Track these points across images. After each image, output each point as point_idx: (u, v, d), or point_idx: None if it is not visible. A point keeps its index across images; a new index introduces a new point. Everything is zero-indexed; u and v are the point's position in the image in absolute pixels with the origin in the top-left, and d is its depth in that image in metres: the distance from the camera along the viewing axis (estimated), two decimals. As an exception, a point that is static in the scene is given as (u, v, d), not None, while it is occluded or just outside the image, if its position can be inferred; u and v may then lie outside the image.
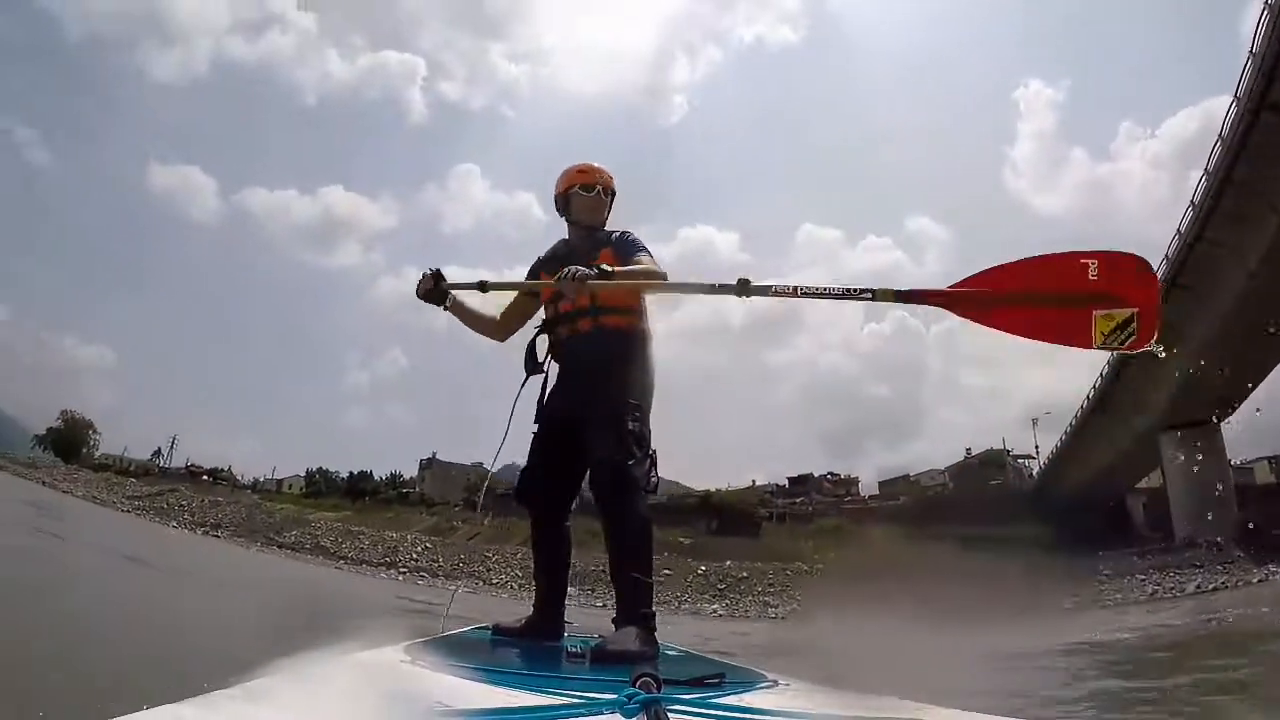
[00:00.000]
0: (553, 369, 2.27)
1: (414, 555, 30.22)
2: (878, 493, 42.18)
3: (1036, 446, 37.44)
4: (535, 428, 2.25)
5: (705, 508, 37.08)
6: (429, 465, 45.93)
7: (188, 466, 44.43)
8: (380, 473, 46.12)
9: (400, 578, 26.58)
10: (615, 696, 0.93)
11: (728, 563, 29.73)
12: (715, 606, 25.48)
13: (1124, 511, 31.68)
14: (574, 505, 2.28)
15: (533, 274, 2.36)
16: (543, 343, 2.27)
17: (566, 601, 2.35)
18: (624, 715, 0.87)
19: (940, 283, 1.77)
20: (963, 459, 41.89)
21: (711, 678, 1.30)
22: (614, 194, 2.39)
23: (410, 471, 46.40)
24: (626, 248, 2.23)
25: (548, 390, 2.26)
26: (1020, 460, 39.70)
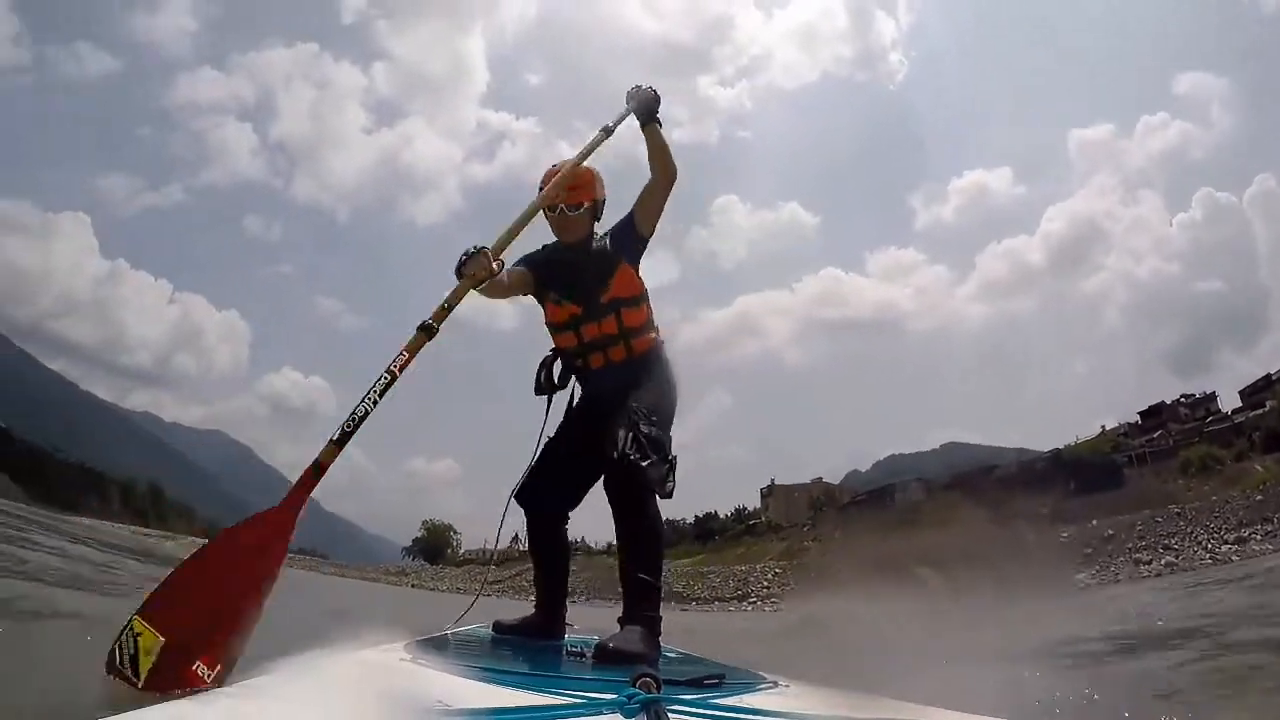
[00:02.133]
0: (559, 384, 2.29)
1: (764, 584, 30.09)
2: (1241, 405, 34.82)
3: None
4: (548, 436, 2.26)
5: (1058, 466, 32.77)
6: (770, 492, 46.18)
7: None
8: (724, 510, 46.56)
9: (749, 609, 26.51)
10: (615, 696, 0.94)
11: (1093, 523, 25.33)
12: (1082, 575, 21.06)
13: None
14: (572, 511, 2.28)
15: (534, 262, 2.28)
16: (556, 365, 2.27)
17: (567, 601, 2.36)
18: (624, 715, 0.87)
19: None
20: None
21: (711, 678, 1.30)
22: (584, 205, 2.21)
23: (753, 503, 46.71)
24: (639, 255, 2.24)
25: (570, 404, 2.29)
26: None
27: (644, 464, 1.93)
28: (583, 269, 2.19)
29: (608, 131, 2.29)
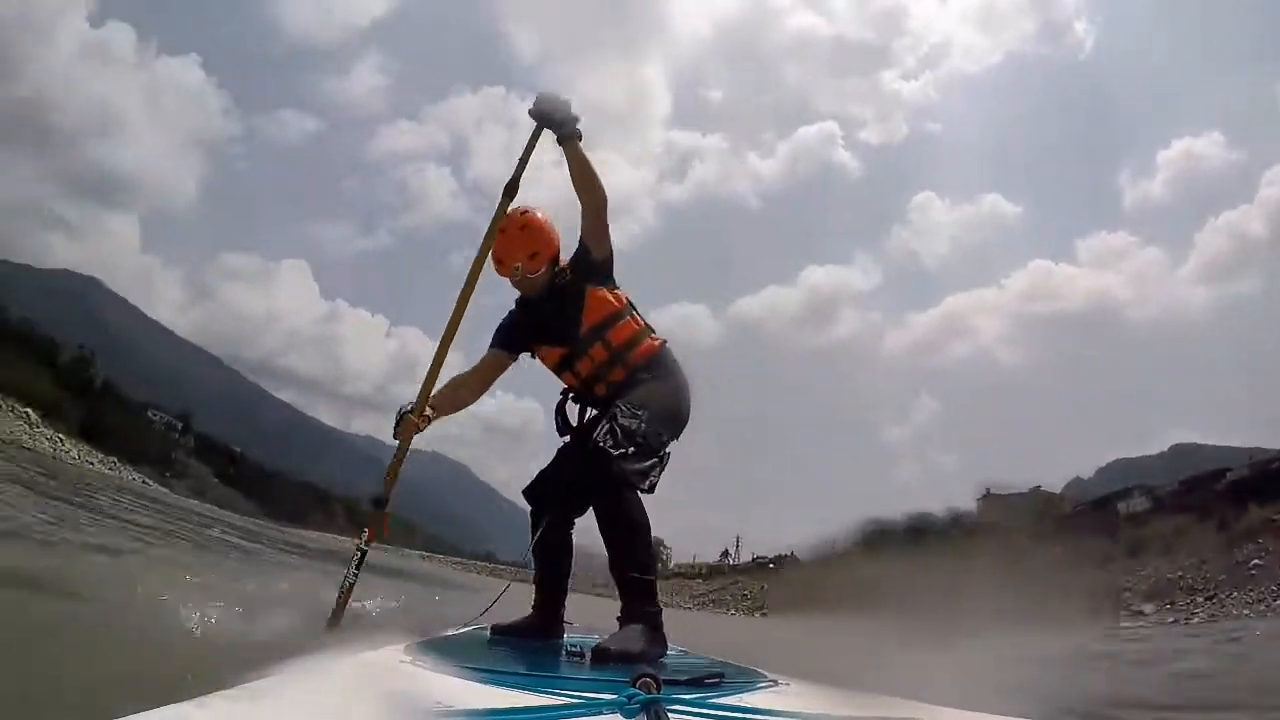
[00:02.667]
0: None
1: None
2: None
3: None
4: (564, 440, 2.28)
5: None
6: (984, 498, 45.12)
7: (754, 559, 47.03)
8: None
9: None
10: (615, 696, 0.94)
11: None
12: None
13: None
14: (578, 517, 2.26)
15: (507, 335, 2.30)
16: (571, 407, 2.28)
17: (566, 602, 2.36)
18: (624, 715, 0.87)
19: None
20: None
21: (711, 677, 1.30)
22: (543, 267, 2.19)
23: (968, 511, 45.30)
24: (605, 274, 2.21)
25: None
26: None
27: (616, 453, 1.90)
28: (554, 311, 2.19)
29: (522, 163, 2.21)
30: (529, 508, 2.26)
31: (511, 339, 2.30)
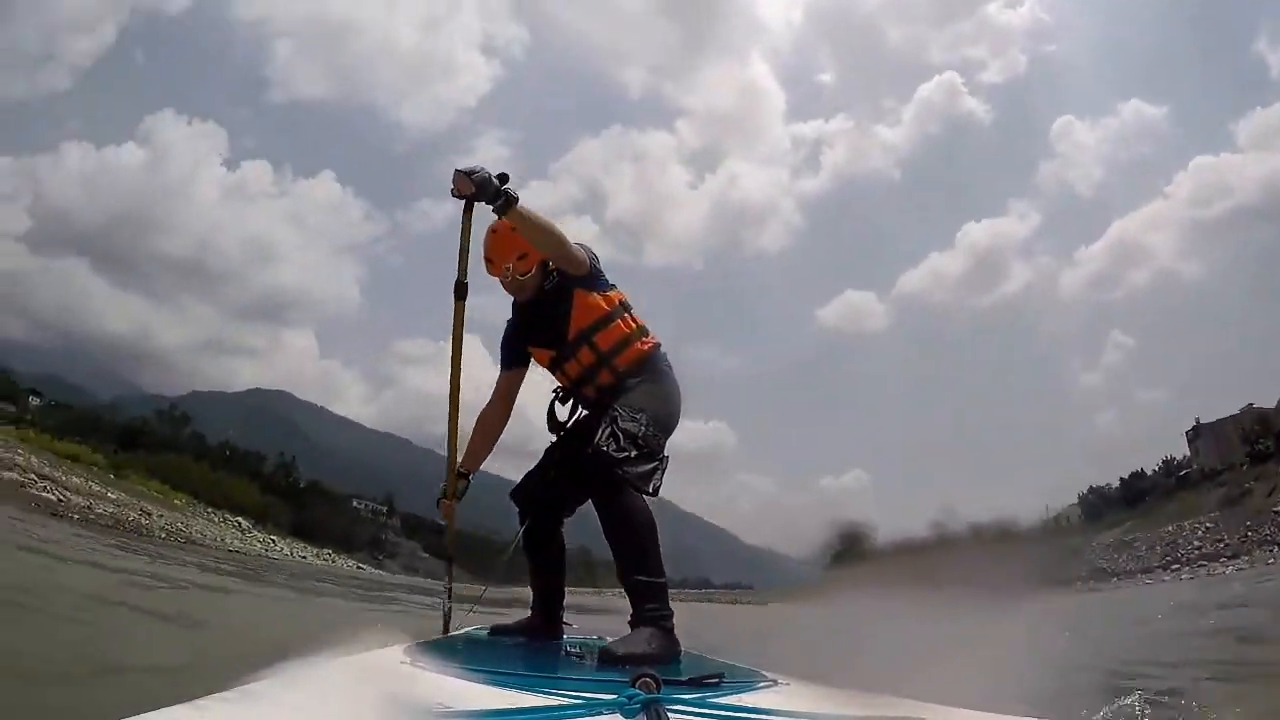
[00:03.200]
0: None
1: (1194, 544, 25.72)
2: None
3: None
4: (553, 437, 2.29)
5: None
6: (1196, 433, 39.01)
7: (970, 529, 46.09)
8: (1150, 465, 39.97)
9: (1168, 578, 22.54)
10: (615, 697, 0.93)
11: None
12: None
13: None
14: (567, 517, 2.29)
15: (511, 348, 2.33)
16: (560, 407, 2.30)
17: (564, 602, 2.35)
18: (624, 715, 0.86)
19: None
20: None
21: (711, 677, 1.30)
22: (533, 269, 2.18)
23: (1181, 450, 39.02)
24: (591, 282, 2.18)
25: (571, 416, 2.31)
26: None
27: (619, 456, 1.89)
28: (544, 315, 2.20)
29: (464, 253, 2.16)
30: (524, 510, 2.25)
31: (516, 353, 2.33)
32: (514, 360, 2.34)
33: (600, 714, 0.89)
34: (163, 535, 22.32)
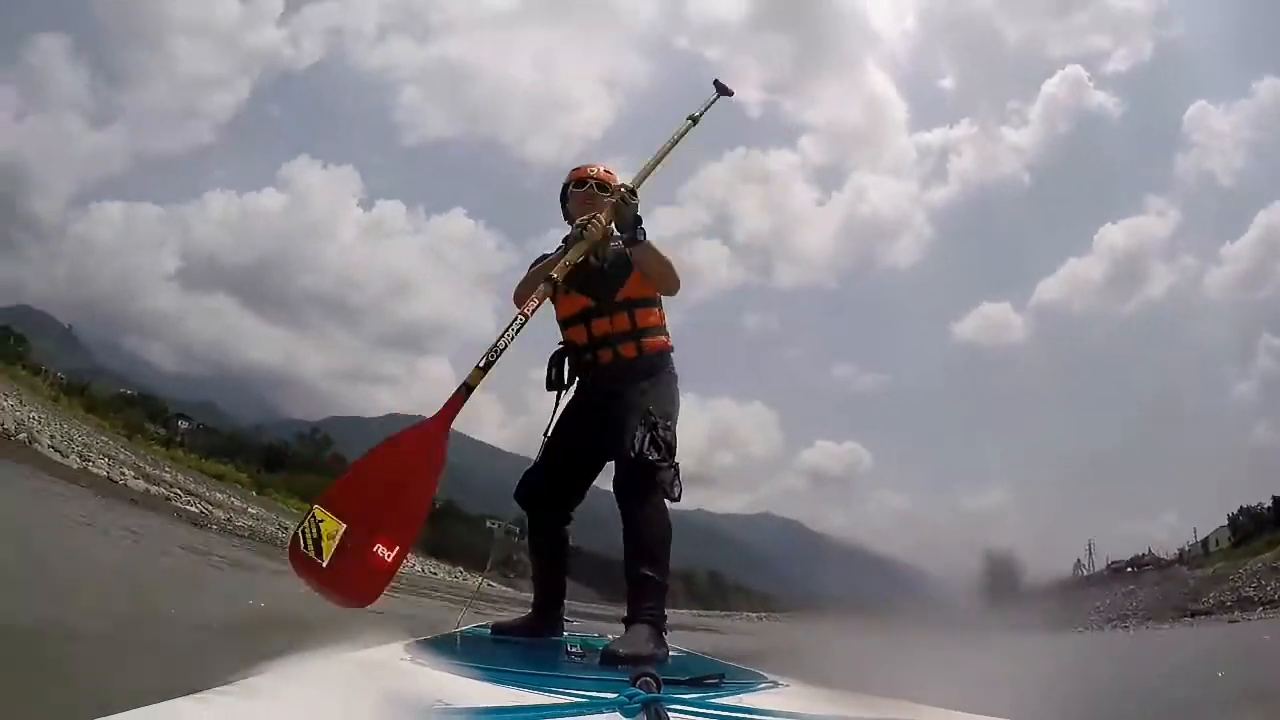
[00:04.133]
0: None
1: None
2: None
3: None
4: (549, 436, 2.22)
5: None
6: None
7: (1109, 565, 44.21)
8: None
9: None
10: (615, 696, 0.93)
11: None
12: None
13: None
14: (575, 509, 2.27)
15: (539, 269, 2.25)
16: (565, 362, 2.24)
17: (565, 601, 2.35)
18: (624, 715, 0.86)
19: None
20: None
21: (711, 678, 1.30)
22: (609, 189, 2.18)
23: None
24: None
25: (563, 403, 2.25)
26: None
27: (660, 465, 1.94)
28: (599, 266, 2.15)
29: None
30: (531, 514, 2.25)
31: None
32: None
33: (600, 713, 0.89)
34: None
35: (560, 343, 2.26)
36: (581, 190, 2.28)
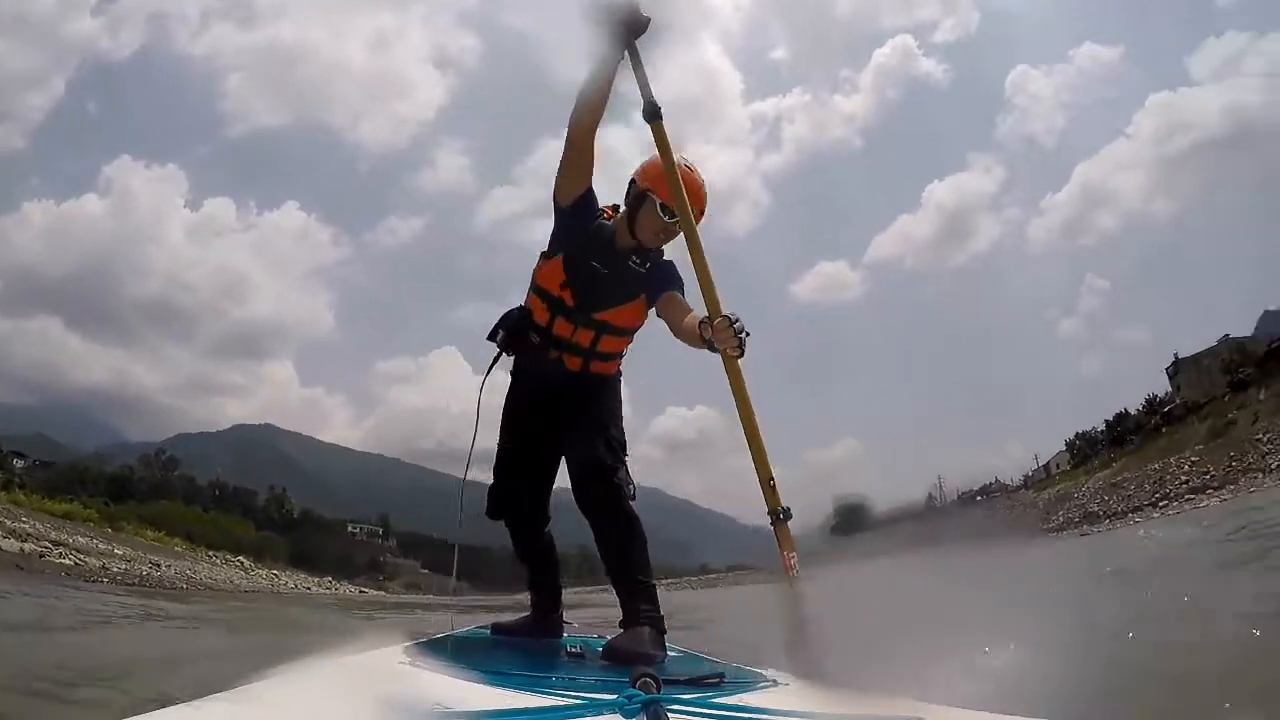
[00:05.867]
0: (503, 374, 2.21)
1: (1180, 479, 24.45)
2: None
3: None
4: (501, 442, 2.19)
5: None
6: (1176, 368, 38.44)
7: (959, 495, 42.66)
8: (1135, 405, 38.63)
9: (1157, 515, 20.96)
10: (615, 697, 0.93)
11: None
12: None
13: None
14: (548, 511, 2.27)
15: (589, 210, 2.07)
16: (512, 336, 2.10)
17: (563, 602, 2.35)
18: (624, 715, 0.86)
19: None
20: None
21: (711, 678, 1.30)
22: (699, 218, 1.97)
23: (1163, 388, 38.25)
24: (667, 282, 2.05)
25: (513, 402, 2.19)
26: None
27: (617, 467, 1.97)
28: (608, 277, 2.03)
29: (640, 69, 1.85)
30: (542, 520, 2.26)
31: (592, 206, 2.06)
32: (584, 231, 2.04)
33: (600, 714, 0.89)
34: (184, 585, 21.76)
35: (522, 306, 2.12)
36: (671, 222, 1.96)
